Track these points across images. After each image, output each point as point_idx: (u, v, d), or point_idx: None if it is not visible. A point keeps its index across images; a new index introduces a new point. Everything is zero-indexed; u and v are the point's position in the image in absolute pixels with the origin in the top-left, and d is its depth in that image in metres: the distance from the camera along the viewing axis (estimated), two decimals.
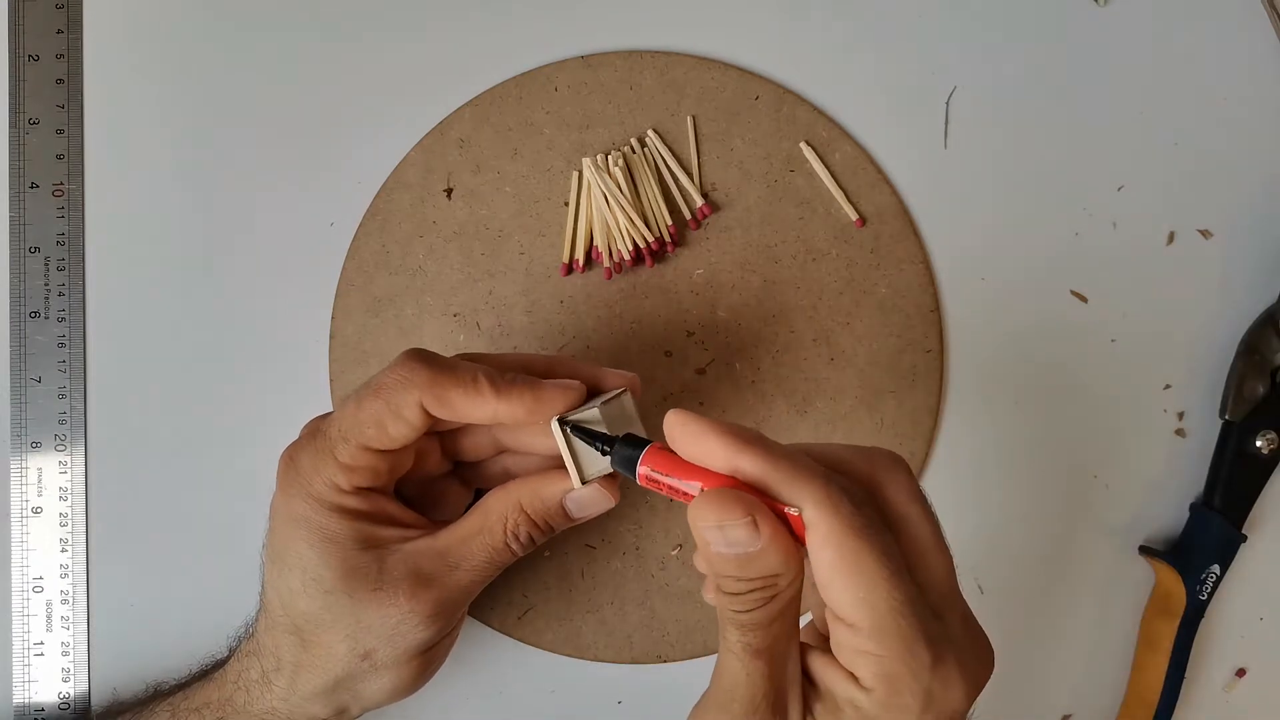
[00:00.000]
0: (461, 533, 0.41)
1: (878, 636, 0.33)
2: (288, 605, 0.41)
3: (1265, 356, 0.50)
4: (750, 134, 0.51)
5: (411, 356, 0.40)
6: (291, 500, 0.40)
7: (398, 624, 0.40)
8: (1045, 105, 0.52)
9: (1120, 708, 0.51)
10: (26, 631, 0.50)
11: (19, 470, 0.50)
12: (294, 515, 0.40)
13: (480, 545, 0.41)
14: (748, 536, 0.33)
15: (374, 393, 0.39)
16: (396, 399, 0.39)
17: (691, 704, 0.38)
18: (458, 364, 0.40)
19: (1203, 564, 0.49)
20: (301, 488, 0.40)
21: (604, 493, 0.41)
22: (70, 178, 0.51)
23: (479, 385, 0.39)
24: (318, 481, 0.40)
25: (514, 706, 0.51)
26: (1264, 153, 0.52)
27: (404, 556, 0.41)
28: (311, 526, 0.40)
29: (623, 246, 0.49)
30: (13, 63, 0.51)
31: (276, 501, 0.41)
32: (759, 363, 0.50)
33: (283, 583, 0.41)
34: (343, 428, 0.40)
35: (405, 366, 0.39)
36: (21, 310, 0.50)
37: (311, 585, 0.40)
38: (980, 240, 0.51)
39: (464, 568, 0.41)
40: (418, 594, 0.40)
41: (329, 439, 0.40)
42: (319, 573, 0.40)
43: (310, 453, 0.40)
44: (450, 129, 0.51)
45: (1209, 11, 0.52)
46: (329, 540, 0.40)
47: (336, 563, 0.40)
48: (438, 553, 0.41)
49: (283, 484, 0.41)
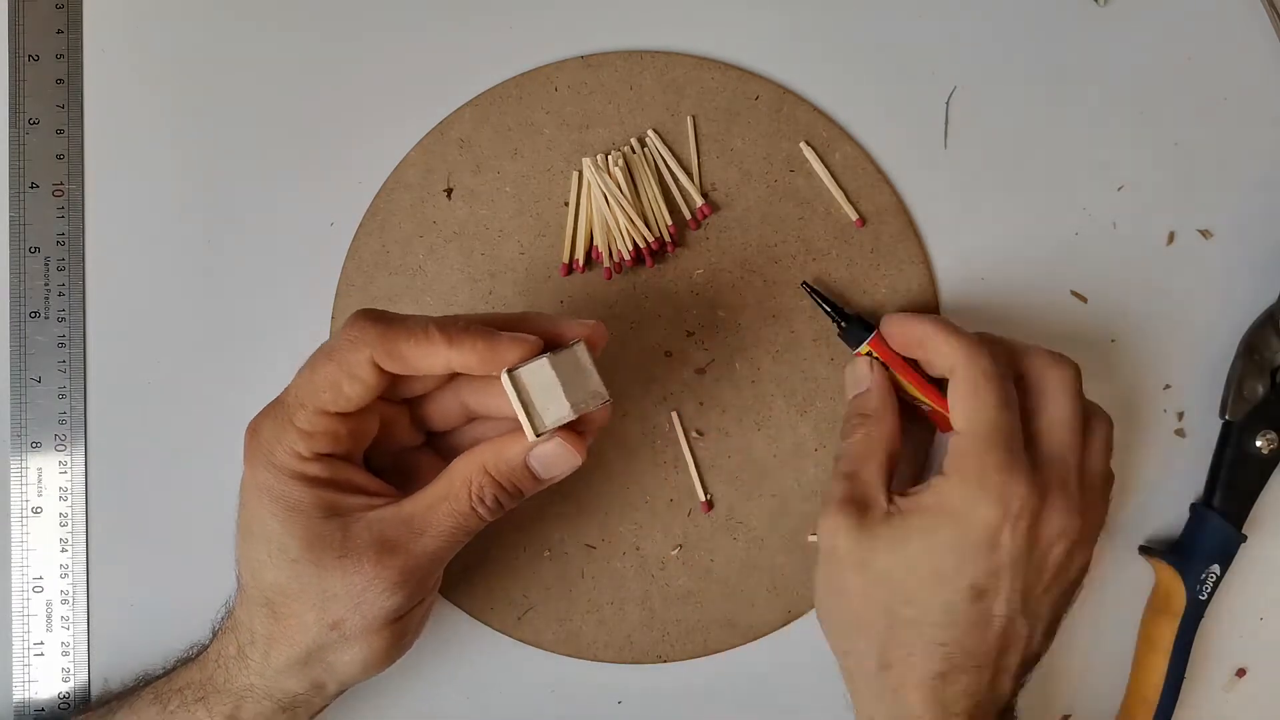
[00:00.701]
0: (427, 499, 0.41)
1: (969, 439, 0.43)
2: (257, 577, 0.41)
3: (1265, 356, 0.50)
4: (750, 134, 0.51)
5: (360, 315, 0.40)
6: (255, 470, 0.41)
7: (363, 591, 0.40)
8: (1045, 105, 0.52)
9: (1120, 707, 0.51)
10: (26, 631, 0.50)
11: (19, 470, 0.50)
12: (258, 485, 0.41)
13: (446, 511, 0.41)
14: (864, 374, 0.47)
15: (326, 355, 0.40)
16: (349, 359, 0.39)
17: (692, 704, 0.38)
18: (408, 317, 0.40)
19: (1203, 564, 0.49)
20: (264, 457, 0.40)
21: (568, 448, 0.41)
22: (70, 178, 0.51)
23: (429, 334, 0.39)
24: (279, 450, 0.40)
25: (514, 706, 0.51)
26: (1264, 153, 0.52)
27: (368, 524, 0.41)
28: (275, 496, 0.40)
29: (623, 246, 0.49)
30: (13, 63, 0.51)
31: (244, 475, 0.41)
32: (759, 363, 0.50)
33: (251, 554, 0.41)
34: (299, 394, 0.40)
35: (355, 326, 0.40)
36: (21, 310, 0.50)
37: (277, 554, 0.40)
38: (980, 240, 0.51)
39: (430, 534, 0.41)
40: (383, 560, 0.40)
41: (287, 407, 0.40)
42: (284, 542, 0.40)
43: (270, 422, 0.41)
44: (450, 129, 0.51)
45: (1209, 11, 0.52)
46: (292, 509, 0.40)
47: (300, 531, 0.40)
48: (403, 520, 0.41)
49: (248, 455, 0.41)
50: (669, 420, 0.50)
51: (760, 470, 0.50)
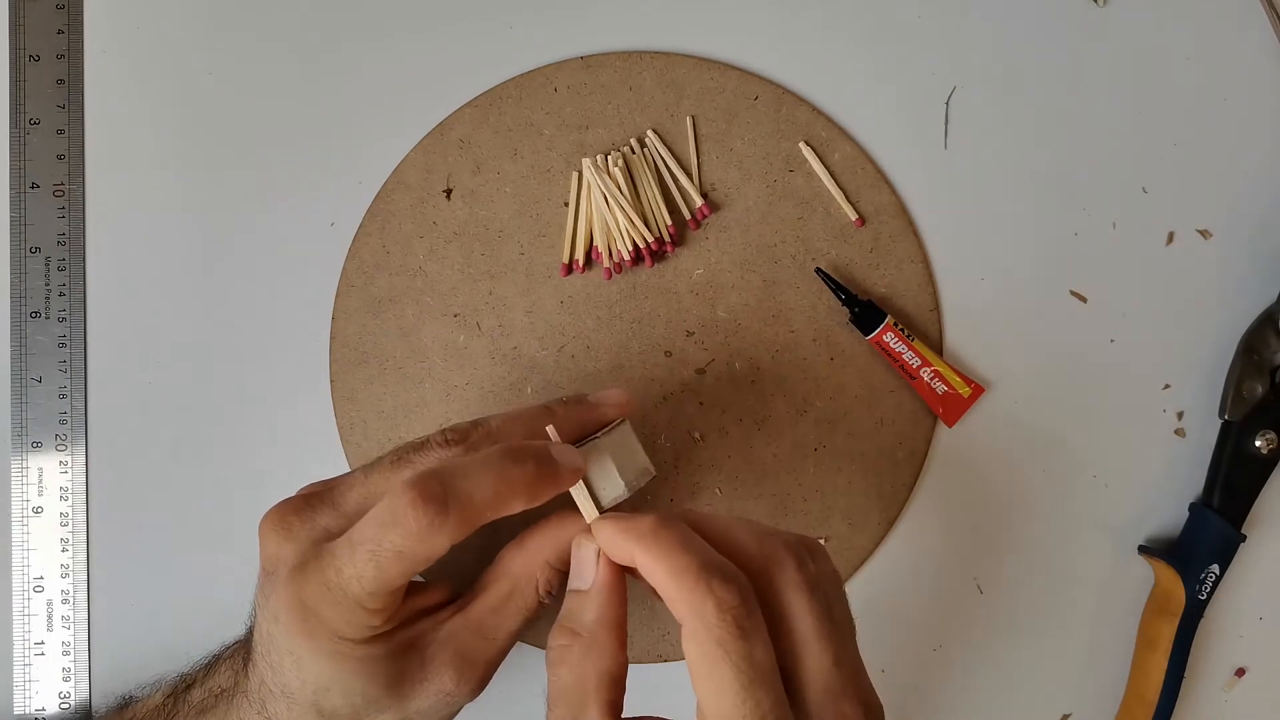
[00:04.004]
0: (491, 602, 0.41)
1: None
2: (324, 709, 0.39)
3: (1264, 356, 0.50)
4: (750, 134, 0.51)
5: (426, 504, 0.35)
6: (318, 642, 0.38)
7: (447, 703, 0.41)
8: (1045, 105, 0.52)
9: (1120, 707, 0.51)
10: (27, 631, 0.50)
11: (19, 470, 0.50)
12: (325, 652, 0.38)
13: (514, 610, 0.41)
14: (587, 564, 0.37)
15: (395, 556, 0.36)
16: (424, 554, 0.36)
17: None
18: (470, 487, 0.36)
19: (1202, 564, 0.49)
20: (330, 633, 0.38)
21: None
22: (71, 178, 0.51)
23: (510, 500, 0.37)
24: (349, 630, 0.38)
25: (514, 706, 0.51)
26: (1264, 153, 0.52)
27: (442, 643, 0.40)
28: (348, 658, 0.38)
29: (622, 246, 0.49)
30: (13, 63, 0.51)
31: (298, 642, 0.38)
32: (759, 363, 0.50)
33: (324, 699, 0.39)
34: (369, 587, 0.37)
35: (423, 518, 0.35)
36: (22, 310, 0.50)
37: (358, 698, 0.39)
38: (980, 240, 0.51)
39: (501, 635, 0.41)
40: (464, 674, 0.40)
41: (353, 596, 0.37)
42: (364, 688, 0.39)
43: (331, 606, 0.37)
44: (450, 129, 0.51)
45: (1209, 11, 0.52)
46: (372, 662, 0.39)
47: (383, 678, 0.39)
48: (473, 628, 0.41)
49: (305, 633, 0.38)
50: (669, 420, 0.50)
51: (760, 470, 0.50)
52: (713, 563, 0.33)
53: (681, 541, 0.34)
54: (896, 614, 0.51)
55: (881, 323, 0.49)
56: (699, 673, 0.33)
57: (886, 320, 0.49)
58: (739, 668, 0.32)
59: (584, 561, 0.38)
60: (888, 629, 0.51)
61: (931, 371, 0.49)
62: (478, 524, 0.37)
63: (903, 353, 0.49)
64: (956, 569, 0.51)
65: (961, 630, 0.51)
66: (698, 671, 0.33)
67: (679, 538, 0.34)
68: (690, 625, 0.33)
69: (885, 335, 0.49)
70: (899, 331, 0.49)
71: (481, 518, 0.37)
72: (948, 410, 0.50)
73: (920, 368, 0.49)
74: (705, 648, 0.33)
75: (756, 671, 0.33)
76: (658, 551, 0.34)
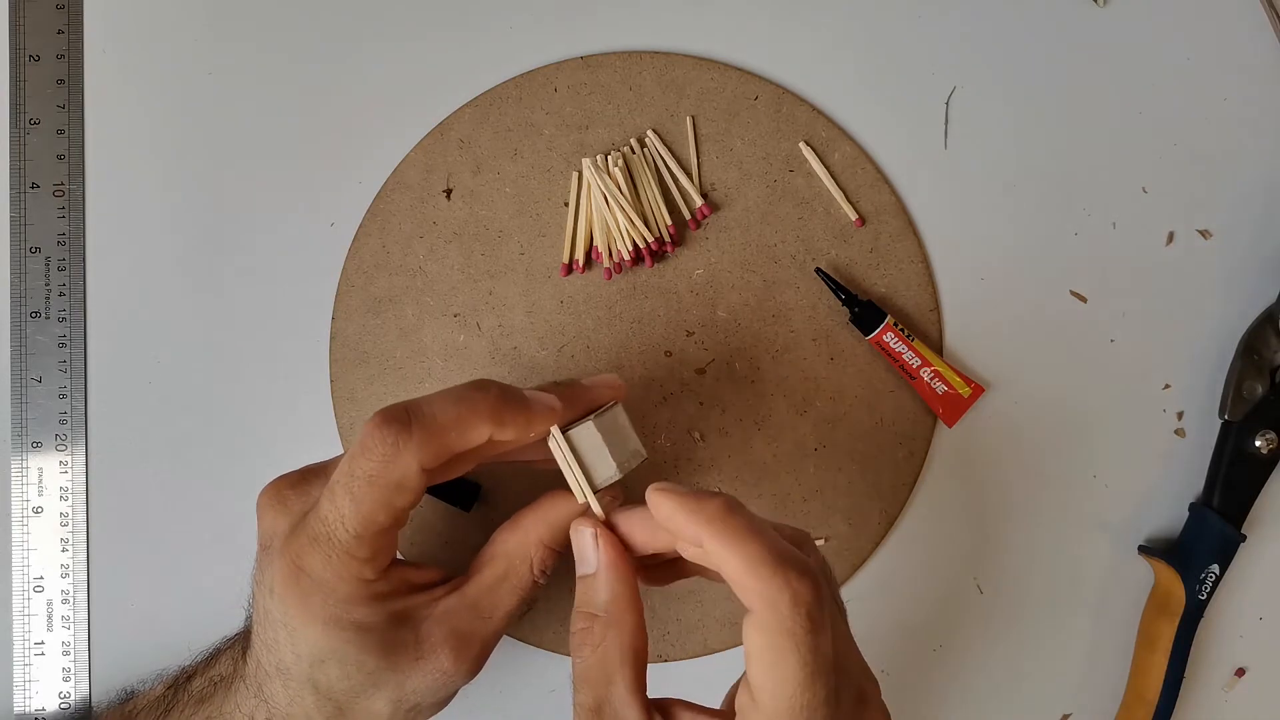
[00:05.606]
0: (487, 581, 0.41)
1: None
2: (325, 687, 0.40)
3: (1264, 356, 0.50)
4: (749, 134, 0.51)
5: (386, 424, 0.37)
6: (312, 608, 0.38)
7: (443, 682, 0.40)
8: (1045, 105, 0.52)
9: (1120, 707, 0.51)
10: (27, 631, 0.50)
11: (19, 470, 0.50)
12: (322, 619, 0.38)
13: (509, 589, 0.41)
14: (588, 550, 0.38)
15: (367, 481, 0.37)
16: (393, 476, 0.37)
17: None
18: (431, 406, 0.38)
19: (1202, 564, 0.49)
20: (325, 596, 0.38)
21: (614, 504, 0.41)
22: (71, 178, 0.51)
23: (474, 418, 0.38)
24: (342, 586, 0.38)
25: (514, 706, 0.51)
26: (1264, 153, 0.52)
27: (437, 620, 0.40)
28: (344, 625, 0.39)
29: (622, 246, 0.49)
30: (13, 63, 0.51)
31: (292, 608, 0.38)
32: (759, 362, 0.50)
33: (319, 673, 0.39)
34: (351, 527, 0.37)
35: (387, 437, 0.37)
36: (22, 310, 0.50)
37: (354, 670, 0.39)
38: (980, 240, 0.51)
39: (498, 615, 0.41)
40: (460, 653, 0.40)
41: (340, 542, 0.38)
42: (360, 659, 0.39)
43: (319, 558, 0.38)
44: (450, 129, 0.51)
45: (1208, 11, 0.52)
46: (365, 630, 0.39)
47: (376, 647, 0.39)
48: (469, 607, 0.41)
49: (298, 596, 0.38)
50: (669, 420, 0.50)
51: (760, 470, 0.50)
52: (788, 554, 0.33)
53: (754, 528, 0.33)
54: (897, 614, 0.51)
55: (881, 323, 0.49)
56: (763, 660, 0.33)
57: (886, 320, 0.49)
58: (805, 660, 0.32)
59: (585, 547, 0.39)
60: (888, 629, 0.51)
61: (931, 371, 0.49)
62: (445, 448, 0.37)
63: (903, 353, 0.49)
64: (956, 569, 0.51)
65: (961, 630, 0.51)
66: (761, 659, 0.33)
67: (750, 524, 0.34)
68: (762, 615, 0.33)
69: (885, 335, 0.49)
70: (899, 331, 0.49)
71: (447, 439, 0.37)
72: (948, 410, 0.50)
73: (920, 368, 0.49)
74: (775, 638, 0.32)
75: (821, 665, 0.33)
76: (730, 538, 0.33)
